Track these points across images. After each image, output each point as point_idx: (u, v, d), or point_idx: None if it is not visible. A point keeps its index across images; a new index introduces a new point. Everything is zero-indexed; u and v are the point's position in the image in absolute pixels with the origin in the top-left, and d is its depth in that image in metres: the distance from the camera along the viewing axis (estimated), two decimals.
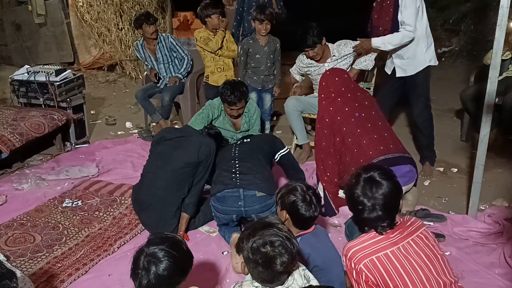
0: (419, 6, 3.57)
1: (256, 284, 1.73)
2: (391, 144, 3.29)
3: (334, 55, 4.06)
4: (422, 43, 3.67)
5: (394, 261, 1.78)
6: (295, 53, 4.36)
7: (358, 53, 4.05)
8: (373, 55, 4.11)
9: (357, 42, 4.00)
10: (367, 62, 4.12)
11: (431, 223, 3.18)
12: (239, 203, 2.92)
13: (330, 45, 4.09)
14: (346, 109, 3.34)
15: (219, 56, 4.51)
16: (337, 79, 3.50)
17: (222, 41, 4.46)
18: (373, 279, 1.78)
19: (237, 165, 3.07)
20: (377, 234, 1.86)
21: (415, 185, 3.41)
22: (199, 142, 3.10)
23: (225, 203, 2.95)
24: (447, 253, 2.87)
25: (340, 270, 2.20)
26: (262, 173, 3.05)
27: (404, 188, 3.30)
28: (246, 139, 3.37)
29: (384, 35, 3.70)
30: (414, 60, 3.71)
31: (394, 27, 3.65)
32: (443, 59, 7.89)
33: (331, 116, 3.35)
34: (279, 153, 3.32)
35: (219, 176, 3.07)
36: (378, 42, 3.77)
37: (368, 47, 3.92)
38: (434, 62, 3.74)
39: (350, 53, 4.07)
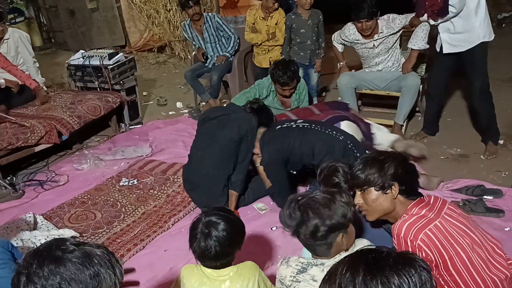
0: None
1: (302, 260, 1.72)
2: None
3: (382, 32, 3.91)
4: (474, 17, 3.40)
5: (444, 231, 1.74)
6: (335, 26, 4.23)
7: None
8: (426, 30, 3.79)
9: (404, 16, 3.85)
10: (424, 41, 3.81)
11: (490, 197, 3.06)
12: None
13: (378, 20, 3.91)
14: None
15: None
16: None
17: (276, 24, 4.44)
18: (431, 255, 1.72)
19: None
20: (418, 210, 1.82)
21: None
22: (239, 119, 3.11)
23: None
24: (506, 229, 2.76)
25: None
26: None
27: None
28: None
29: (432, 9, 3.48)
30: (465, 35, 3.45)
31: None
32: (503, 25, 7.44)
33: None
34: None
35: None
36: (425, 18, 3.65)
37: (418, 24, 3.78)
38: (488, 37, 3.46)
39: (398, 29, 3.90)
